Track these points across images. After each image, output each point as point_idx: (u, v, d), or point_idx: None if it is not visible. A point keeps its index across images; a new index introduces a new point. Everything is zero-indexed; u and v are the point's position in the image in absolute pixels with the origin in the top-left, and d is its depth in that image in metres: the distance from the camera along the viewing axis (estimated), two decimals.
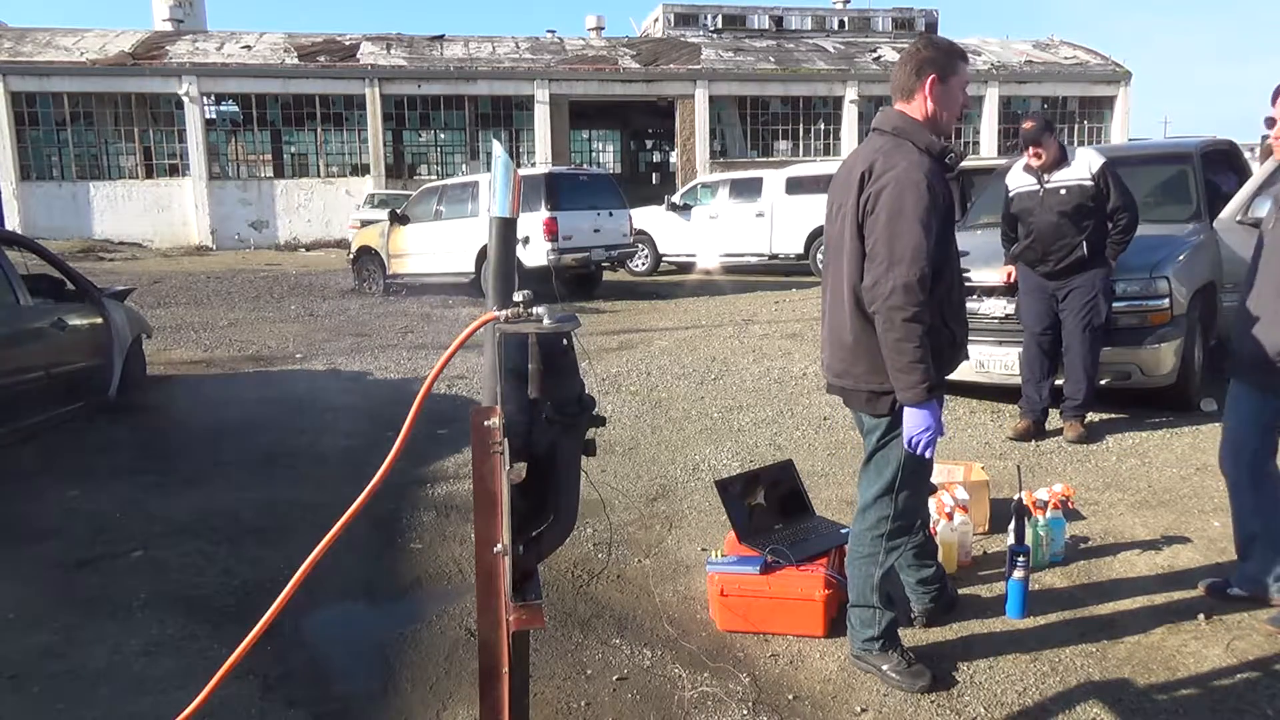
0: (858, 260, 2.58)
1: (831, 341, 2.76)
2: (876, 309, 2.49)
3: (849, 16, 45.37)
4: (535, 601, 1.58)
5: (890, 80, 2.73)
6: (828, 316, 2.79)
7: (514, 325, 1.55)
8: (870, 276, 2.51)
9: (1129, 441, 5.27)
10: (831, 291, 2.75)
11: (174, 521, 4.37)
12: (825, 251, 2.83)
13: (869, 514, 2.79)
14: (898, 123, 2.64)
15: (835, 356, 2.74)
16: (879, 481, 2.74)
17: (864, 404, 2.70)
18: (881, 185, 2.50)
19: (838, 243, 2.68)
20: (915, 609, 3.14)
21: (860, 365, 2.65)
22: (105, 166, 27.81)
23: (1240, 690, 2.73)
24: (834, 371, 2.77)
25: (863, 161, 2.60)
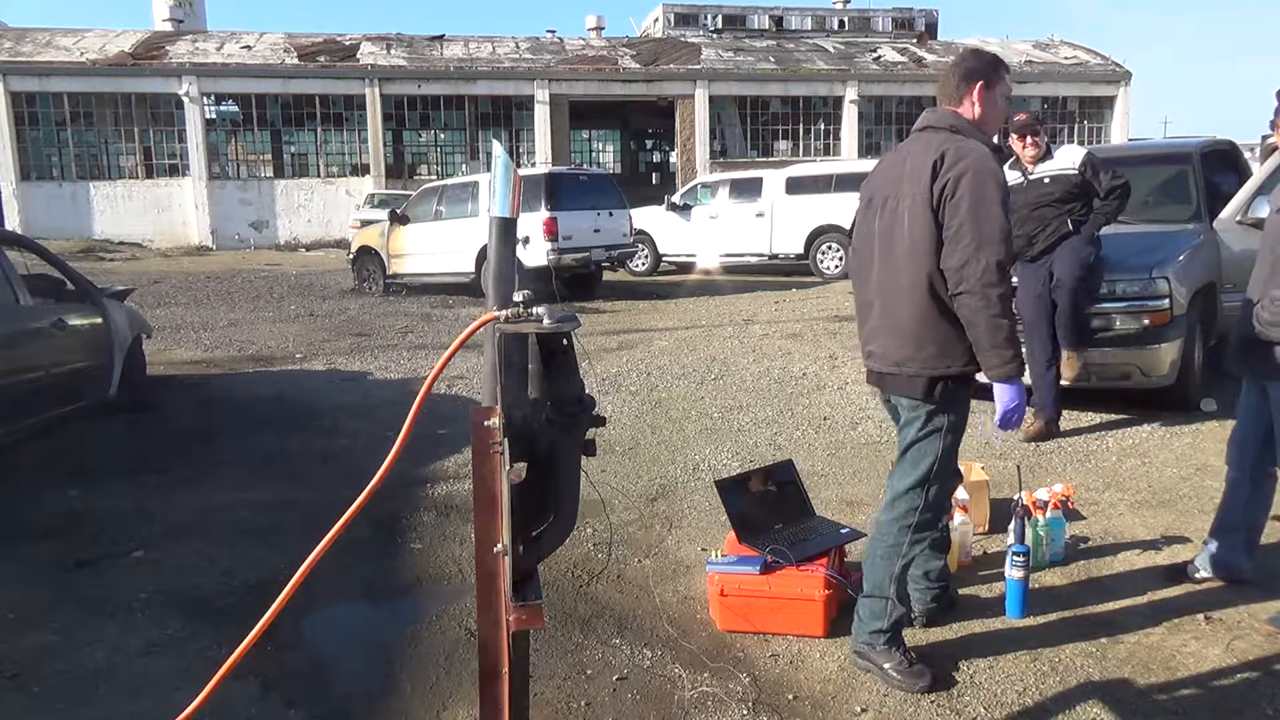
0: (933, 245, 2.62)
1: (887, 329, 2.76)
2: (968, 288, 2.54)
3: (849, 16, 45.44)
4: (535, 601, 1.58)
5: (939, 86, 2.89)
6: (880, 305, 2.79)
7: (514, 325, 1.55)
8: (957, 258, 2.56)
9: (1129, 441, 5.27)
10: (888, 280, 2.75)
11: (174, 521, 4.37)
12: (866, 246, 2.86)
13: (899, 504, 2.79)
14: (954, 121, 2.76)
15: (893, 343, 2.74)
16: (914, 473, 2.76)
17: (921, 390, 2.70)
18: (960, 171, 2.57)
19: (896, 233, 2.71)
20: (916, 607, 3.14)
21: (926, 350, 2.67)
22: (105, 166, 27.80)
23: (1240, 690, 2.73)
24: (890, 359, 2.75)
25: (930, 152, 2.65)
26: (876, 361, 2.84)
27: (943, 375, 2.66)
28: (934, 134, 2.76)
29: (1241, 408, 3.33)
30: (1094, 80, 32.37)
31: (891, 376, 2.77)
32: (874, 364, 2.86)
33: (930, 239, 2.62)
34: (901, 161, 2.77)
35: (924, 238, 2.63)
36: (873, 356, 2.86)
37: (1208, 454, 4.93)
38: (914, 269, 2.66)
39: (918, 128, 2.85)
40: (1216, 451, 4.85)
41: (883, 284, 2.78)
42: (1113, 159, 5.43)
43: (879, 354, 2.81)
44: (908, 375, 2.71)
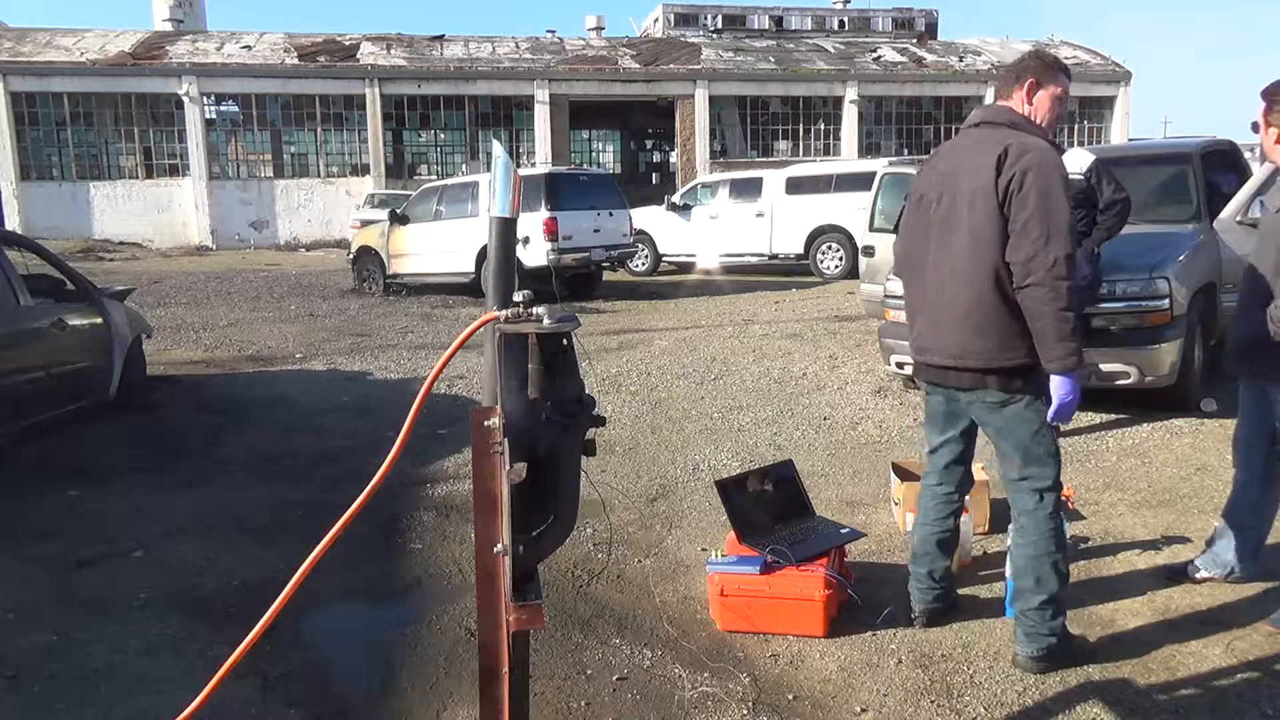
0: (999, 239, 2.64)
1: (946, 323, 2.77)
2: (1036, 280, 2.56)
3: (849, 16, 45.45)
4: (535, 601, 1.58)
5: (998, 83, 2.98)
6: (938, 299, 2.80)
7: (514, 325, 1.55)
8: (1025, 251, 2.58)
9: (1129, 441, 5.27)
10: (947, 275, 2.77)
11: (174, 521, 4.37)
12: (919, 243, 2.88)
13: (1048, 498, 2.79)
14: (1011, 116, 2.80)
15: (954, 338, 2.75)
16: (1047, 469, 2.78)
17: (994, 384, 2.73)
18: (1026, 165, 2.60)
19: (955, 228, 2.73)
20: (917, 607, 3.14)
21: (990, 343, 2.69)
22: (105, 166, 27.80)
23: (1240, 690, 2.73)
24: (951, 353, 2.77)
25: (992, 147, 2.67)
26: (934, 355, 2.85)
27: (1010, 367, 2.69)
28: (992, 129, 2.77)
29: (1242, 408, 3.32)
30: (1094, 80, 32.36)
31: (960, 369, 2.77)
32: (930, 358, 2.87)
33: (996, 232, 2.64)
34: (956, 157, 2.80)
35: (989, 231, 2.65)
36: (927, 351, 2.87)
37: (1208, 454, 4.93)
38: (977, 262, 2.68)
39: (972, 123, 2.87)
40: (1216, 451, 4.86)
41: (940, 279, 2.79)
42: (1113, 159, 5.41)
43: (937, 348, 2.83)
44: (974, 368, 2.73)
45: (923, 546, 3.12)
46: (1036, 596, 2.80)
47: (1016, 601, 2.88)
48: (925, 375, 2.97)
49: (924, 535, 3.12)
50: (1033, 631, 2.82)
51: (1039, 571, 2.80)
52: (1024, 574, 2.84)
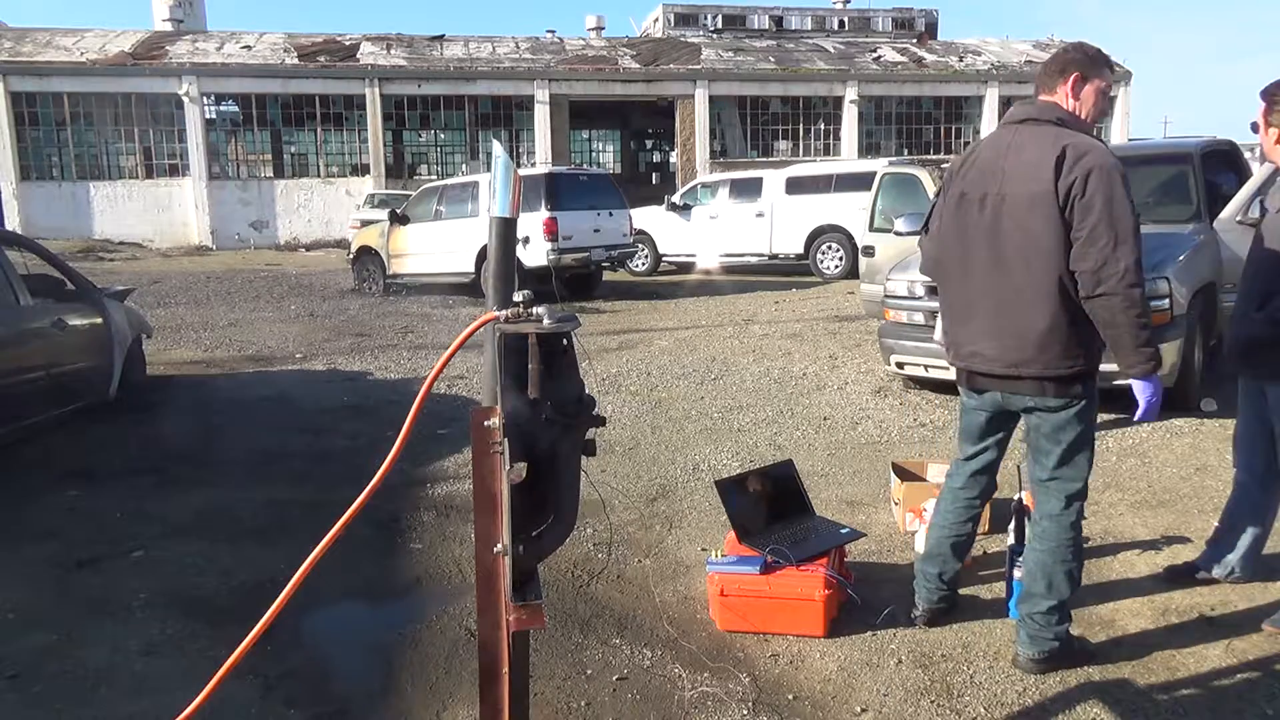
0: (1064, 247, 2.57)
1: (1009, 331, 2.69)
2: (1109, 289, 2.51)
3: (849, 16, 45.44)
4: (535, 601, 1.58)
5: (1037, 76, 2.83)
6: (990, 305, 2.72)
7: (514, 325, 1.55)
8: (1093, 260, 2.52)
9: (1129, 441, 5.27)
10: (1001, 280, 2.69)
11: (174, 521, 4.37)
12: (961, 243, 2.79)
13: (1074, 504, 2.77)
14: (1060, 113, 2.70)
15: (1015, 346, 2.68)
16: (1080, 473, 2.77)
17: (1053, 391, 2.68)
18: (1087, 169, 2.53)
19: (1010, 232, 2.65)
20: (921, 605, 3.14)
21: (1052, 351, 2.64)
22: (105, 166, 27.79)
23: (1240, 690, 2.73)
24: (1010, 361, 2.70)
25: (1047, 147, 2.59)
26: (984, 363, 2.77)
27: (1069, 374, 2.66)
28: (1041, 127, 2.68)
29: (1241, 408, 3.33)
30: None
31: (1020, 377, 2.70)
32: (980, 365, 2.79)
33: (1058, 240, 2.57)
34: (1003, 155, 2.70)
35: (1050, 238, 2.58)
36: (977, 357, 2.79)
37: (1208, 454, 4.93)
38: (1041, 271, 2.61)
39: (1017, 119, 2.76)
40: (1216, 451, 4.87)
41: (993, 284, 2.71)
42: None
43: (990, 356, 2.74)
44: (1035, 376, 2.67)
45: (938, 548, 3.09)
46: (1045, 601, 2.78)
47: (1023, 604, 2.86)
48: (972, 382, 2.87)
49: (940, 538, 3.08)
50: (1037, 634, 2.81)
51: (1052, 577, 2.77)
52: (1036, 578, 2.80)
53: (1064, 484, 2.78)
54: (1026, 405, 2.77)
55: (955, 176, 2.86)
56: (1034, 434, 2.82)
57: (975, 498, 3.06)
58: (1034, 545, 2.84)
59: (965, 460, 3.06)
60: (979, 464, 3.03)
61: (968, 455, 3.04)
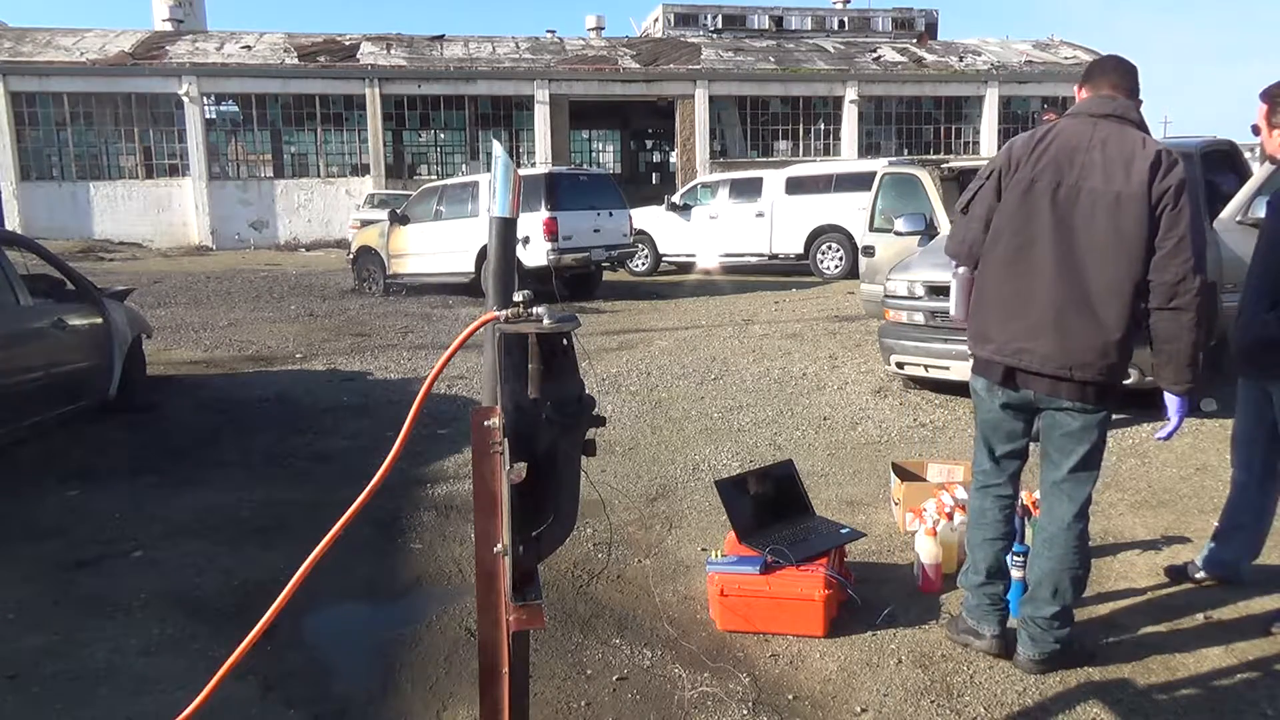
0: (1146, 251, 2.53)
1: (1075, 331, 2.58)
2: (1183, 304, 2.51)
3: (849, 16, 45.44)
4: (535, 601, 1.58)
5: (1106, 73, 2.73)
6: (1056, 300, 2.59)
7: (514, 325, 1.55)
8: (1174, 272, 2.50)
9: (1129, 441, 5.27)
10: (1073, 276, 2.59)
11: (174, 521, 4.37)
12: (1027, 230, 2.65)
13: (1085, 512, 2.76)
14: (1140, 119, 2.67)
15: (1079, 348, 2.58)
16: (1091, 480, 2.76)
17: (1094, 396, 2.64)
18: (1178, 180, 2.51)
19: (1093, 226, 2.57)
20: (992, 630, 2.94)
21: (1113, 357, 2.59)
22: (105, 166, 27.79)
23: (1240, 690, 2.73)
24: (1067, 364, 2.59)
25: (1140, 148, 2.55)
26: (1034, 361, 2.64)
27: (1112, 384, 2.64)
28: (1125, 126, 2.61)
29: (1241, 408, 3.32)
30: None
31: (1074, 380, 2.61)
32: (1028, 362, 2.65)
33: (1143, 244, 2.52)
34: (1084, 148, 2.59)
35: (1137, 241, 2.52)
36: (1025, 354, 2.65)
37: (1208, 454, 4.93)
38: (1122, 272, 2.55)
39: (1101, 112, 2.64)
40: (1216, 451, 4.86)
41: (1062, 280, 2.59)
42: None
43: (1044, 354, 2.62)
44: (1089, 380, 2.60)
45: (994, 563, 2.89)
46: (1050, 607, 2.77)
47: (1026, 606, 2.84)
48: (1009, 380, 2.72)
49: (994, 551, 2.89)
50: (1039, 637, 2.80)
51: (1059, 584, 2.75)
52: (1043, 584, 2.77)
53: (1077, 486, 2.74)
54: (1062, 406, 2.68)
55: (1022, 162, 2.69)
56: (1055, 433, 2.73)
57: (1012, 496, 2.94)
58: (1042, 552, 2.78)
59: (1001, 460, 2.89)
60: (1015, 461, 2.90)
61: (1004, 454, 2.88)
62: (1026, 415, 2.84)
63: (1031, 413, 2.82)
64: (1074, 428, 2.69)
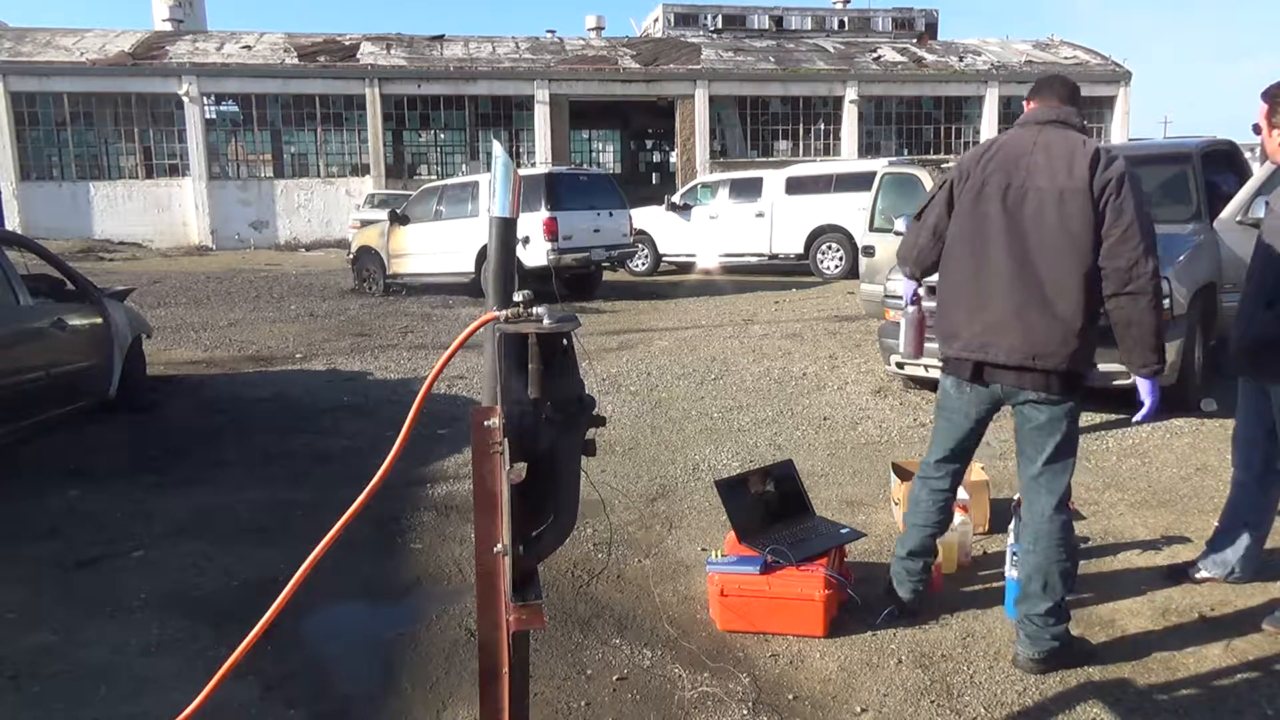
0: (1094, 241, 2.64)
1: (1034, 322, 2.69)
2: (1139, 288, 2.61)
3: (849, 16, 45.43)
4: (535, 601, 1.58)
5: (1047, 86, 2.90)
6: (1014, 296, 2.71)
7: (514, 325, 1.55)
8: (1126, 257, 2.60)
9: (1129, 441, 5.27)
10: (1026, 271, 2.70)
11: (174, 521, 4.37)
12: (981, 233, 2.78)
13: (1063, 505, 2.82)
14: (1081, 124, 2.82)
15: (1040, 339, 2.68)
16: (1067, 471, 2.82)
17: (1058, 387, 2.72)
18: (1118, 173, 2.63)
19: (1040, 223, 2.68)
20: (907, 597, 3.17)
21: (1074, 345, 2.68)
22: (105, 166, 27.80)
23: (1240, 690, 2.73)
24: (1030, 353, 2.69)
25: (1080, 147, 2.68)
26: (1000, 353, 2.75)
27: (1077, 371, 2.71)
28: (1067, 130, 2.76)
29: (1241, 408, 3.33)
30: (1094, 80, 32.35)
31: (1036, 369, 2.71)
32: (994, 355, 2.76)
33: (1090, 235, 2.64)
34: (1029, 152, 2.74)
35: (1084, 233, 2.64)
36: (991, 348, 2.77)
37: (1208, 454, 4.93)
38: (1072, 264, 2.66)
39: (1043, 120, 2.80)
40: (1216, 451, 4.86)
41: (1017, 275, 2.72)
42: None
43: (1008, 346, 2.73)
44: (1051, 369, 2.69)
45: (921, 545, 3.14)
46: (1043, 602, 2.80)
47: (1021, 604, 2.87)
48: (978, 375, 2.83)
49: (922, 536, 3.13)
50: (1036, 635, 2.82)
51: (1048, 577, 2.80)
52: (1032, 579, 2.83)
53: (1054, 478, 2.82)
54: (1027, 399, 2.78)
55: (972, 170, 2.84)
56: (1026, 428, 2.84)
57: (949, 490, 3.11)
58: (1027, 547, 2.87)
59: (944, 457, 3.07)
60: (959, 458, 3.08)
61: (949, 449, 3.05)
62: (986, 413, 2.96)
63: (992, 412, 2.95)
64: (1042, 420, 2.79)
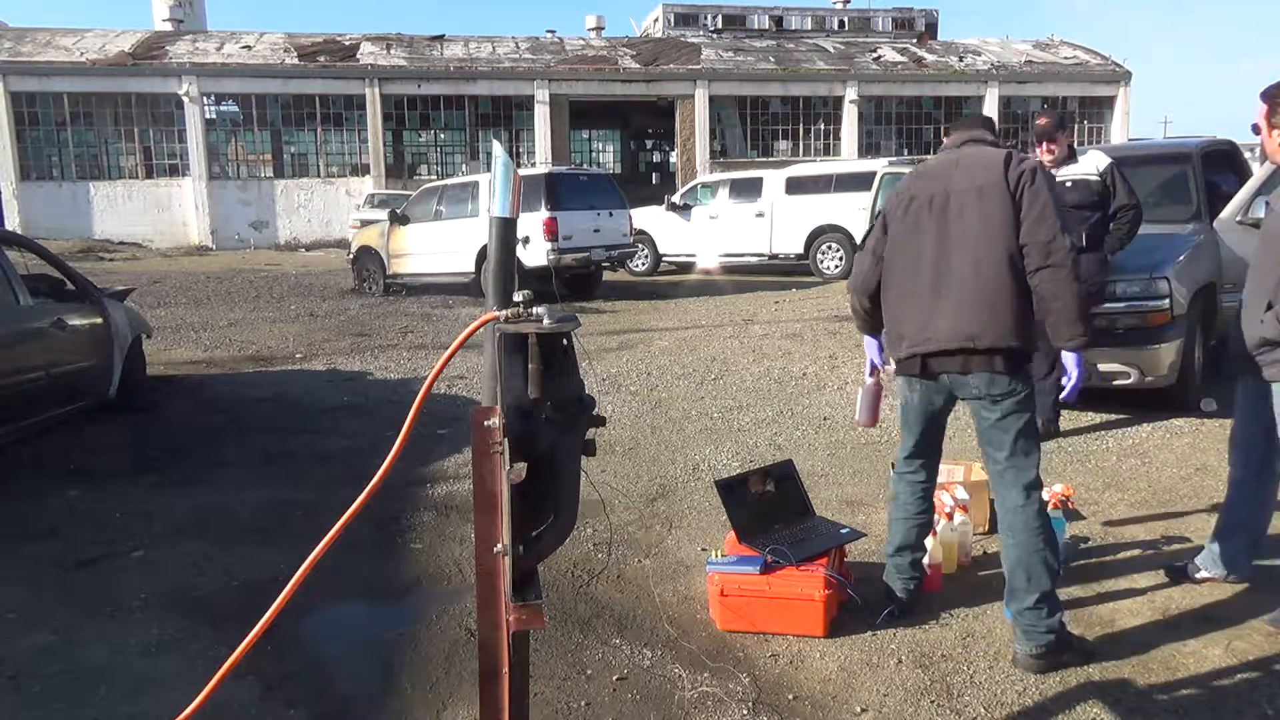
0: (1013, 226, 2.81)
1: (974, 304, 2.83)
2: (1057, 261, 2.74)
3: (849, 16, 45.42)
4: (535, 601, 1.58)
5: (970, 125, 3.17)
6: (948, 285, 2.88)
7: (514, 325, 1.55)
8: (1044, 233, 2.76)
9: (1129, 441, 5.27)
10: (955, 260, 2.88)
11: (174, 521, 4.37)
12: (914, 242, 2.99)
13: (1034, 493, 2.86)
14: (996, 141, 3.08)
15: (978, 318, 2.82)
16: (1033, 460, 2.88)
17: (1001, 365, 2.82)
18: (1030, 166, 2.86)
19: (964, 217, 2.88)
20: (902, 594, 3.20)
21: (1008, 323, 2.81)
22: (105, 166, 27.81)
23: (1240, 690, 2.73)
24: (971, 333, 2.83)
25: (993, 152, 2.94)
26: (938, 342, 2.88)
27: (1018, 348, 2.80)
28: (982, 145, 3.01)
29: (1240, 407, 3.32)
30: (1094, 80, 32.39)
31: (975, 350, 2.82)
32: (934, 345, 2.89)
33: (1009, 219, 2.80)
34: (950, 166, 2.99)
35: (1002, 217, 2.81)
36: (930, 340, 2.90)
37: (1208, 454, 4.93)
38: (993, 246, 2.82)
39: (958, 143, 3.06)
40: (1216, 451, 4.86)
41: (945, 264, 2.90)
42: (1114, 159, 5.41)
43: (945, 330, 2.86)
44: (988, 348, 2.80)
45: (905, 539, 3.22)
46: (1030, 595, 2.82)
47: (1011, 601, 2.89)
48: (925, 368, 2.96)
49: (906, 529, 3.22)
50: (1030, 629, 2.83)
51: (1030, 569, 2.83)
52: (1016, 573, 2.86)
53: (1019, 472, 2.87)
54: (974, 394, 2.89)
55: (902, 193, 3.09)
56: (983, 428, 2.94)
57: (926, 481, 3.23)
58: (1006, 541, 2.92)
59: (911, 453, 3.22)
60: (926, 448, 3.20)
61: (913, 445, 3.20)
62: (947, 403, 3.08)
63: (948, 404, 3.09)
64: (995, 419, 2.88)
